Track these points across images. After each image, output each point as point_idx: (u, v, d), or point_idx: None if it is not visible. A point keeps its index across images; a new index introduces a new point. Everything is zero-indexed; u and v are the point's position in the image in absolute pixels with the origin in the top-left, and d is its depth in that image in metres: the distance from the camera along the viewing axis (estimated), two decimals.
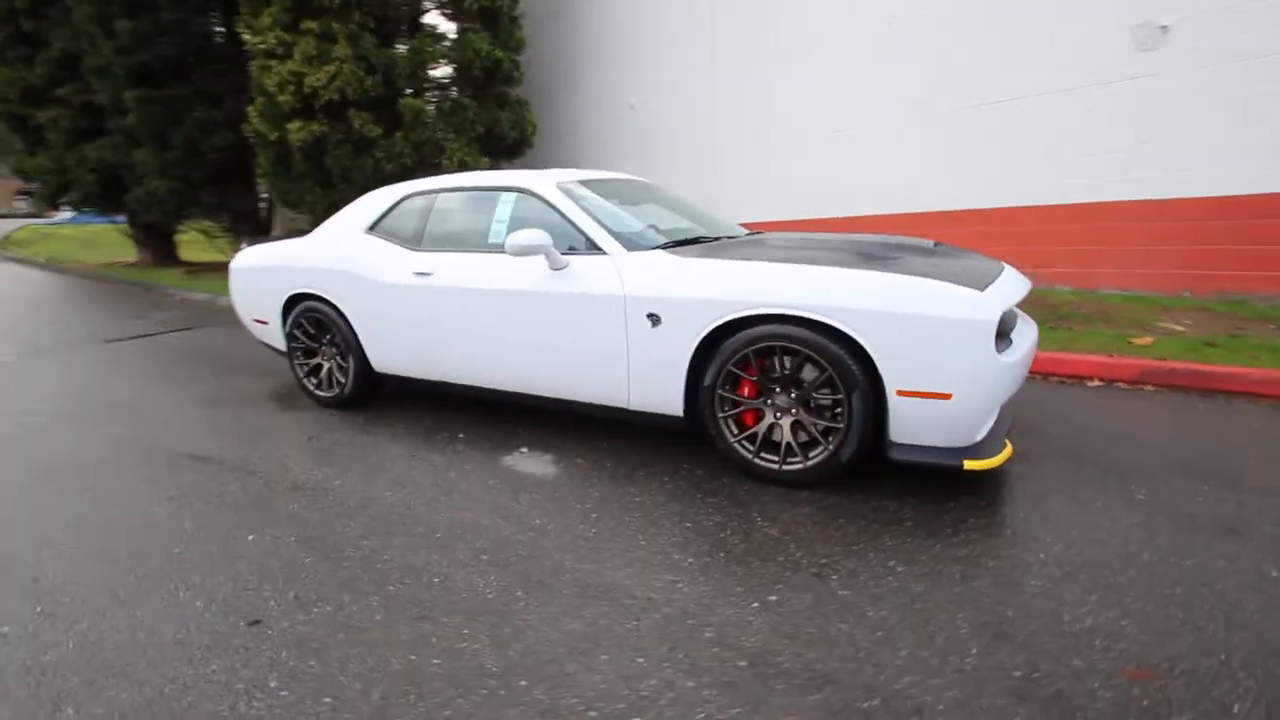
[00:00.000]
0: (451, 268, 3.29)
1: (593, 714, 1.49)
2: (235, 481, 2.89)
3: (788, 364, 2.50)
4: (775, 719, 1.47)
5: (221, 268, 9.67)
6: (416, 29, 8.95)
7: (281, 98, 8.10)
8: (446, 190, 3.54)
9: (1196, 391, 3.60)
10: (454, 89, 8.93)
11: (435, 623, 1.84)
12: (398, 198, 3.69)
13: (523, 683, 1.60)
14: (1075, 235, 5.87)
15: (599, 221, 3.01)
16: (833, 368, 2.39)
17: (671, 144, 9.36)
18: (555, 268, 2.94)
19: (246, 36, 8.57)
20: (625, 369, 2.86)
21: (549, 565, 2.12)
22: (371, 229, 3.73)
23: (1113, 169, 5.53)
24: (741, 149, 8.54)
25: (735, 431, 2.67)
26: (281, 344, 4.14)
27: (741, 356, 2.56)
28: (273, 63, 8.13)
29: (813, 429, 2.52)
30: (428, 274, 3.35)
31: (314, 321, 3.90)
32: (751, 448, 2.65)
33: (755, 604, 1.87)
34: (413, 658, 1.70)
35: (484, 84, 9.06)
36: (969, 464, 2.33)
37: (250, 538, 2.38)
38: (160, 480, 2.95)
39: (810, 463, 2.53)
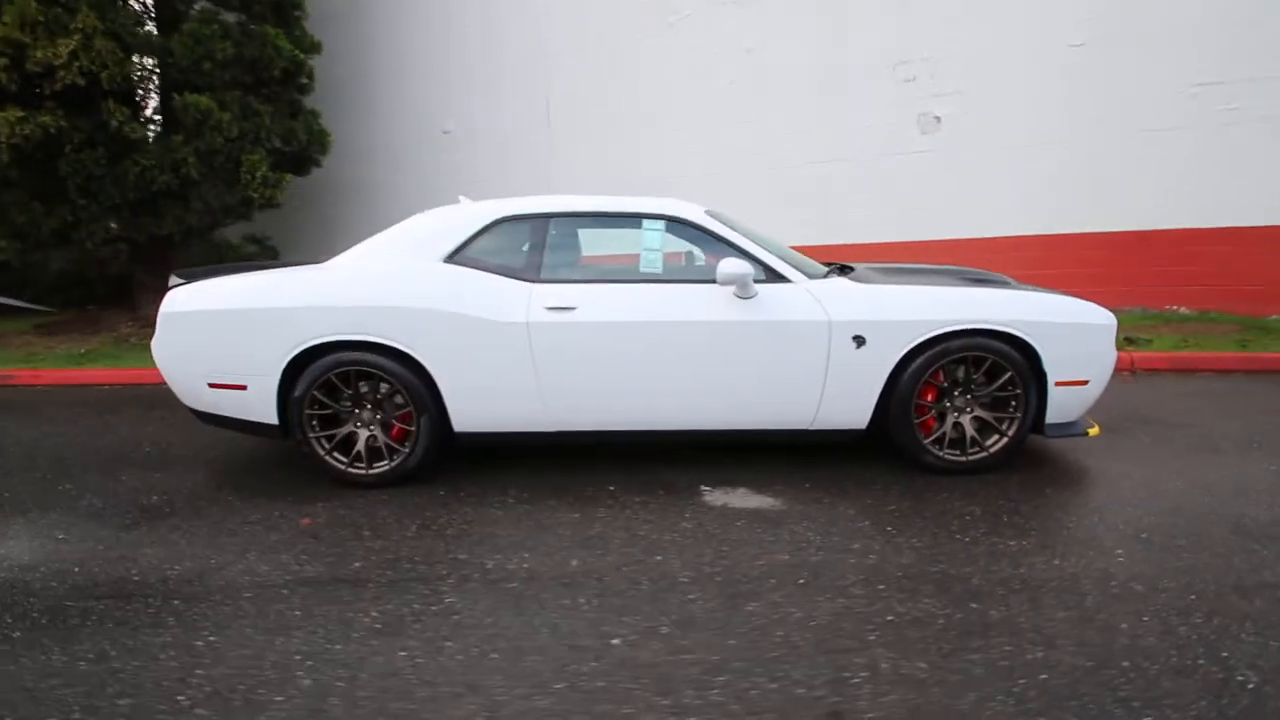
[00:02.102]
0: (603, 301, 2.94)
1: None
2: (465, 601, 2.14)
3: (973, 370, 3.00)
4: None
5: None
6: (181, 16, 6.94)
7: None
8: (562, 215, 3.12)
9: None
10: (241, 90, 7.19)
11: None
12: (485, 221, 3.09)
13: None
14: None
15: (768, 250, 3.08)
16: (1013, 368, 2.97)
17: (500, 175, 9.07)
18: (746, 296, 2.93)
19: None
20: (820, 389, 2.99)
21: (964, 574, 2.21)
22: (453, 258, 3.04)
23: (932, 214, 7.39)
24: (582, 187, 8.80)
25: (923, 435, 3.05)
26: (266, 415, 3.01)
27: (932, 368, 2.97)
28: None
29: (994, 422, 3.06)
30: (569, 309, 2.92)
31: (348, 378, 2.97)
32: (937, 448, 3.06)
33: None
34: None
35: (279, 88, 7.52)
36: (1090, 431, 3.14)
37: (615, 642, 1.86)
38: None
39: (994, 449, 3.06)
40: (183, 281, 3.11)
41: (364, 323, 2.92)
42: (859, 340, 2.94)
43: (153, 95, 6.96)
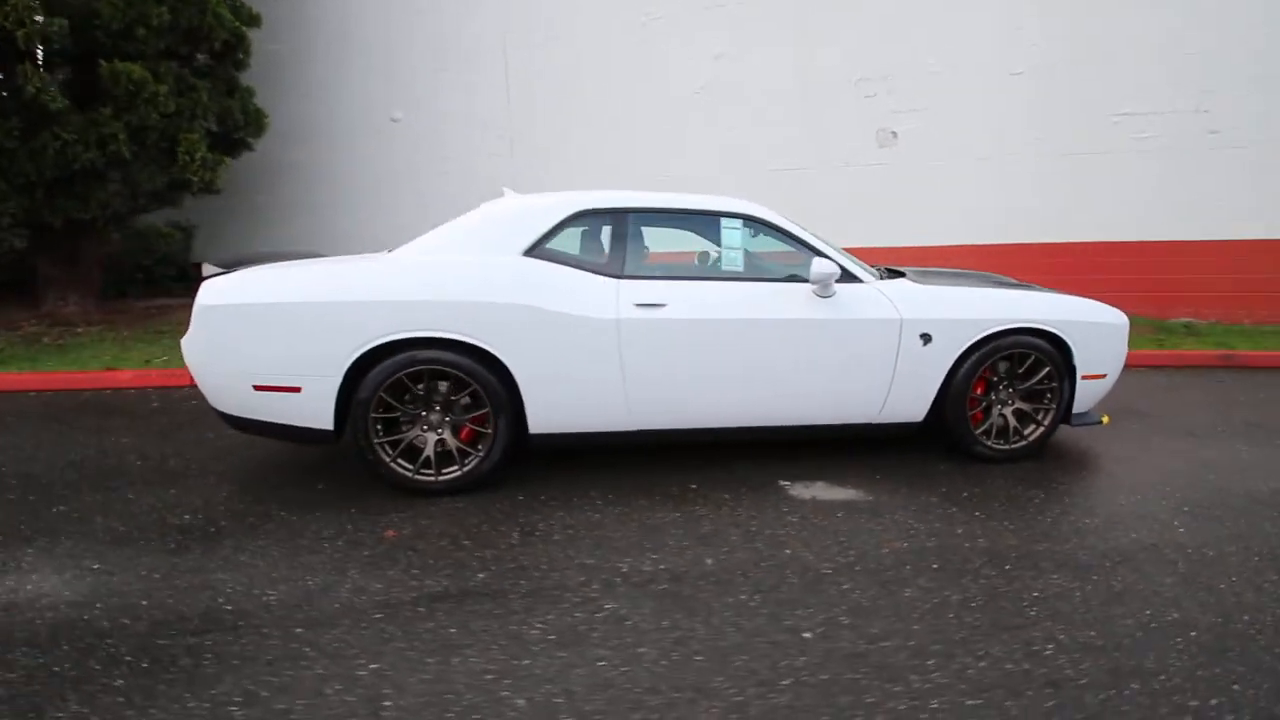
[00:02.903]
0: (691, 298, 2.92)
1: None
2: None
3: (1016, 366, 3.26)
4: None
5: None
6: None
7: None
8: (641, 210, 3.06)
9: None
10: (177, 62, 6.40)
11: None
12: (565, 214, 2.97)
13: None
14: None
15: (838, 251, 3.19)
16: (1051, 363, 3.26)
17: (454, 169, 8.69)
18: (826, 295, 3.01)
19: None
20: (888, 384, 3.14)
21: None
22: (531, 251, 2.90)
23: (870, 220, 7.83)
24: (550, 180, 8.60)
25: (974, 427, 3.27)
26: (320, 419, 2.74)
27: (985, 363, 3.20)
28: None
29: (1031, 413, 3.33)
30: (658, 305, 2.87)
31: (420, 378, 2.76)
32: (986, 438, 3.29)
33: None
34: None
35: (216, 62, 6.80)
36: (1104, 420, 3.50)
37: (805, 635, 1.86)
38: None
39: (1031, 438, 3.33)
40: (221, 270, 2.76)
41: (442, 319, 2.72)
42: (926, 338, 3.11)
43: (66, 62, 6.05)
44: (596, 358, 2.86)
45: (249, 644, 1.84)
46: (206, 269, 2.77)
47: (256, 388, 2.71)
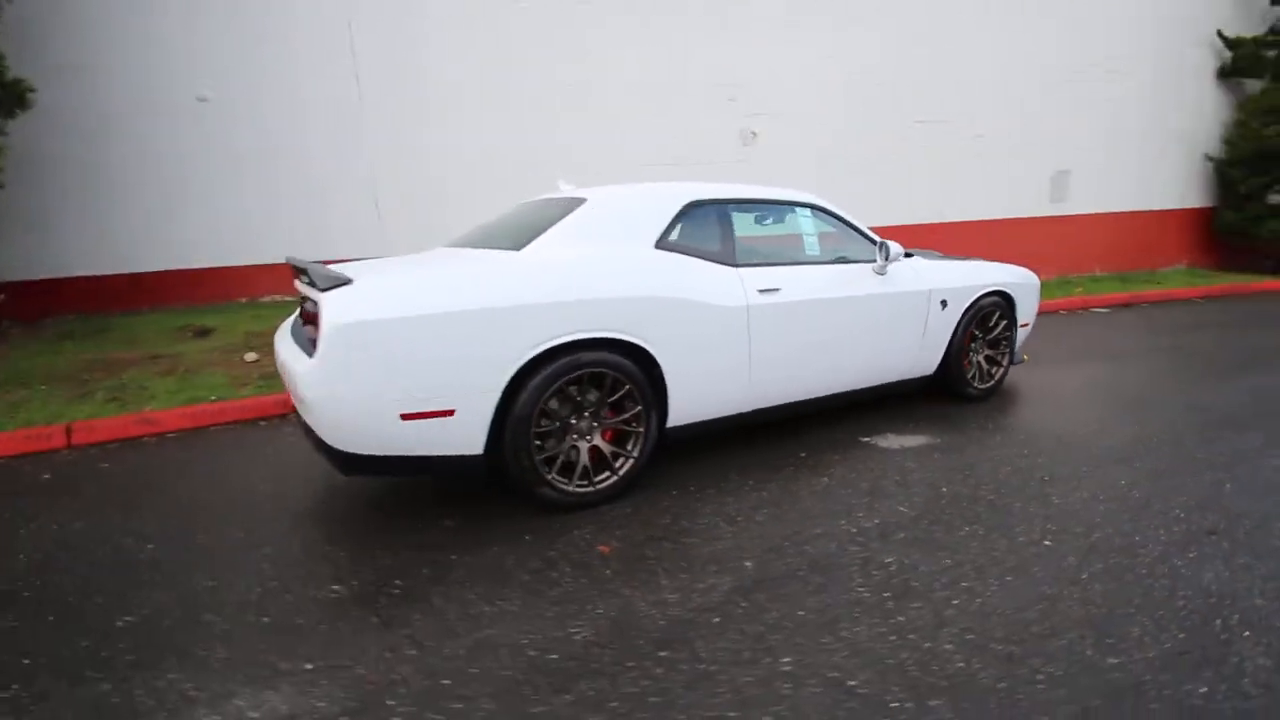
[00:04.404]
0: (795, 282, 3.14)
1: None
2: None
3: (988, 320, 4.09)
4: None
5: None
6: None
7: None
8: (735, 201, 3.16)
9: None
10: None
11: None
12: (680, 205, 2.95)
13: None
14: None
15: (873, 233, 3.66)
16: (1007, 317, 4.16)
17: (287, 157, 7.46)
18: (881, 273, 3.47)
19: None
20: (919, 345, 3.74)
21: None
22: (660, 244, 2.83)
23: None
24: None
25: (966, 372, 4.04)
26: (470, 444, 2.42)
27: (974, 320, 3.97)
28: None
29: (997, 357, 4.21)
30: (775, 290, 3.04)
31: (580, 382, 2.57)
32: (975, 381, 4.08)
33: None
34: None
35: None
36: (1025, 358, 4.57)
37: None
38: None
39: (997, 377, 4.21)
40: (342, 281, 2.22)
41: (606, 317, 2.57)
42: (944, 304, 3.77)
43: None
44: (731, 344, 2.95)
45: (627, 677, 1.67)
46: (320, 277, 2.20)
47: (404, 417, 2.27)
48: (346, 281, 2.23)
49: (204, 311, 7.02)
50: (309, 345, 2.43)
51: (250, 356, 5.28)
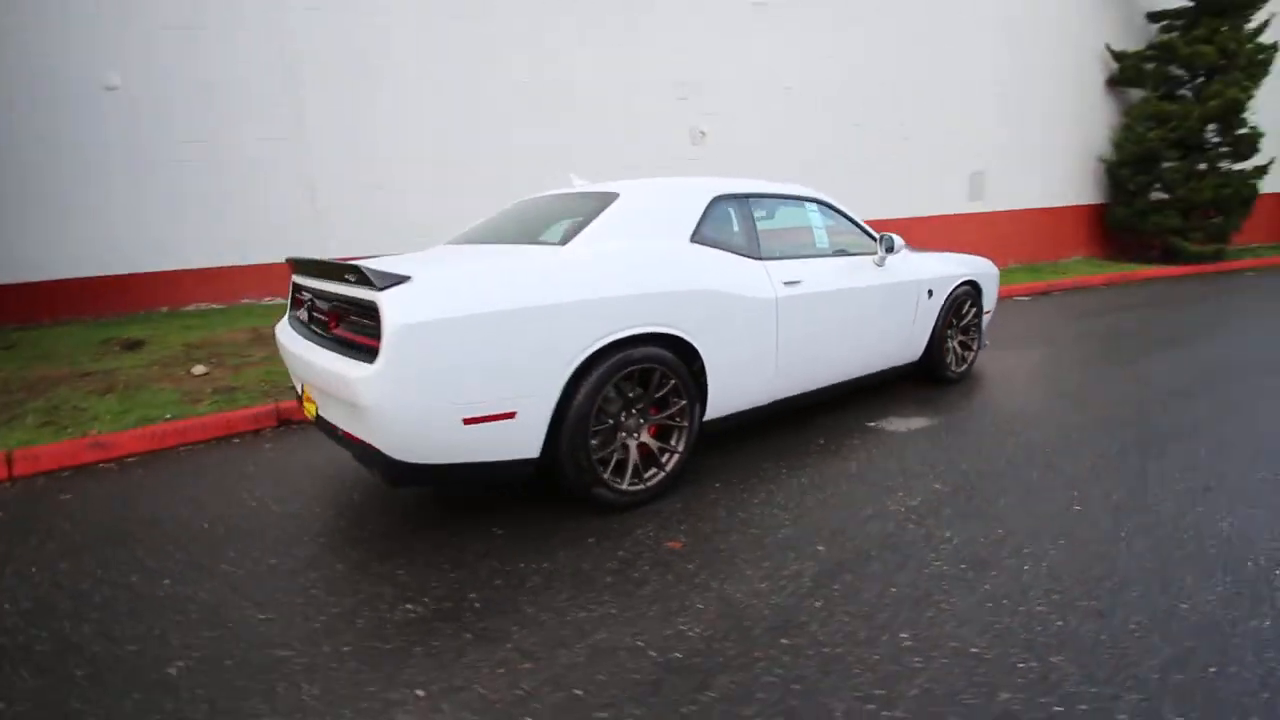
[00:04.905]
0: (812, 274, 3.23)
1: None
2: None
3: (959, 308, 4.36)
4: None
5: None
6: None
7: None
8: (755, 196, 3.22)
9: None
10: None
11: None
12: (708, 199, 2.96)
13: None
14: None
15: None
16: (976, 305, 4.46)
17: (206, 153, 6.87)
18: (881, 265, 3.62)
19: None
20: (909, 333, 3.94)
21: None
22: (695, 237, 2.82)
23: None
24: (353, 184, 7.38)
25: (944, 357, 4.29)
26: (526, 448, 2.33)
27: (951, 309, 4.23)
28: None
29: (969, 342, 4.49)
30: (797, 282, 3.10)
31: (631, 379, 2.52)
32: (952, 365, 4.34)
33: None
34: None
35: None
36: (987, 343, 4.92)
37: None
38: None
39: (971, 361, 4.50)
40: (400, 279, 2.05)
41: (657, 312, 2.55)
42: (930, 293, 3.99)
43: None
44: (762, 337, 3.00)
45: (759, 667, 1.67)
46: (376, 274, 2.02)
47: (467, 421, 2.14)
48: (405, 278, 2.08)
49: (124, 323, 6.32)
50: (347, 348, 2.25)
51: (198, 370, 4.81)
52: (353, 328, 2.29)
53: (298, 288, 2.96)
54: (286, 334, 2.84)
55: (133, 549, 2.46)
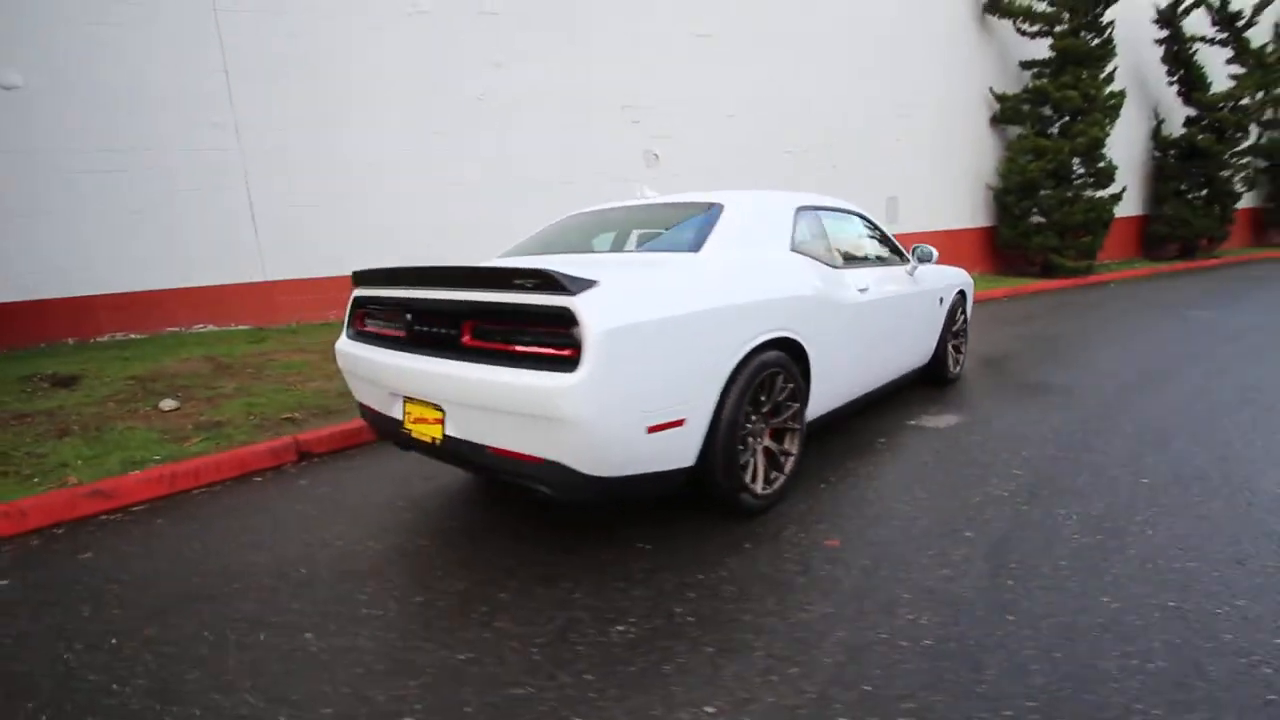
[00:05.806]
0: (874, 282, 3.41)
1: None
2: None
3: (952, 314, 4.77)
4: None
5: None
6: None
7: None
8: (823, 209, 3.37)
9: None
10: None
11: None
12: (793, 209, 3.06)
13: None
14: None
15: None
16: (965, 311, 4.89)
17: (132, 160, 6.11)
18: (912, 274, 3.90)
19: None
20: (929, 339, 4.25)
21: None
22: (793, 246, 2.90)
23: None
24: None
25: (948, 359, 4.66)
26: (685, 456, 2.28)
27: (950, 315, 4.61)
28: None
29: (960, 345, 4.90)
30: (866, 289, 3.27)
31: (764, 384, 2.55)
32: (952, 366, 4.71)
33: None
34: None
35: None
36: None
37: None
38: None
39: (963, 363, 4.92)
40: (589, 283, 1.93)
41: (786, 316, 2.61)
42: (940, 300, 4.33)
43: None
44: (850, 341, 3.14)
45: (1015, 642, 1.74)
46: (567, 279, 1.88)
47: (650, 430, 2.06)
48: (594, 282, 1.98)
49: (37, 356, 5.38)
50: (502, 359, 2.10)
51: (167, 405, 4.21)
52: (504, 337, 2.14)
53: (366, 301, 2.72)
54: (363, 350, 2.60)
55: (229, 603, 2.12)
